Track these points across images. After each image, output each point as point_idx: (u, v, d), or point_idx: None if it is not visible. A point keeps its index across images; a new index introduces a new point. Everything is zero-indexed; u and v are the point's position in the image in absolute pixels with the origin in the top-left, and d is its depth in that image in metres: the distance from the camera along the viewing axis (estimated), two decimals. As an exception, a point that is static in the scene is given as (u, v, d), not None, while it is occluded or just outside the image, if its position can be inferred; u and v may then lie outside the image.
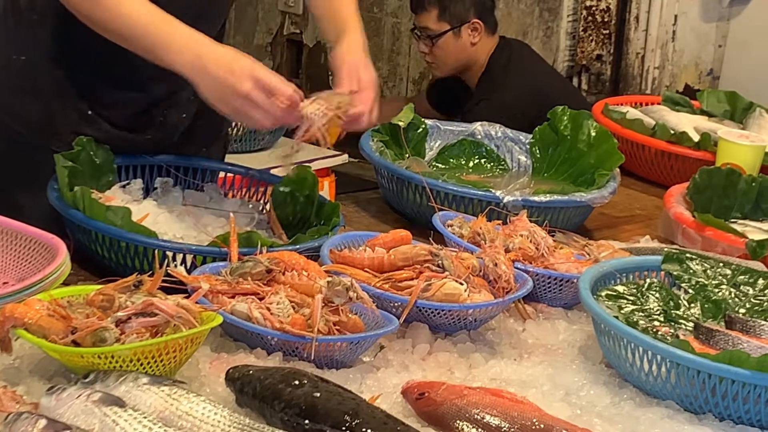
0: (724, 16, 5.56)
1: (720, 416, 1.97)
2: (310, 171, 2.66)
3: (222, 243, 2.28)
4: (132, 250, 2.33)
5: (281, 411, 1.76)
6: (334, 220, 2.51)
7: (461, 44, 4.82)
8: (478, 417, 1.83)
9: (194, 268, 2.21)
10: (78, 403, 1.70)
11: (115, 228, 2.33)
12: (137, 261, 2.34)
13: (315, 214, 2.60)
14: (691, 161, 3.33)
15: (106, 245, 2.36)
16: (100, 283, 2.00)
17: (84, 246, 2.41)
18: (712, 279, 2.35)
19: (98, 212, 2.36)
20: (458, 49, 4.83)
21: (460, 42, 4.82)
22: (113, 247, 2.35)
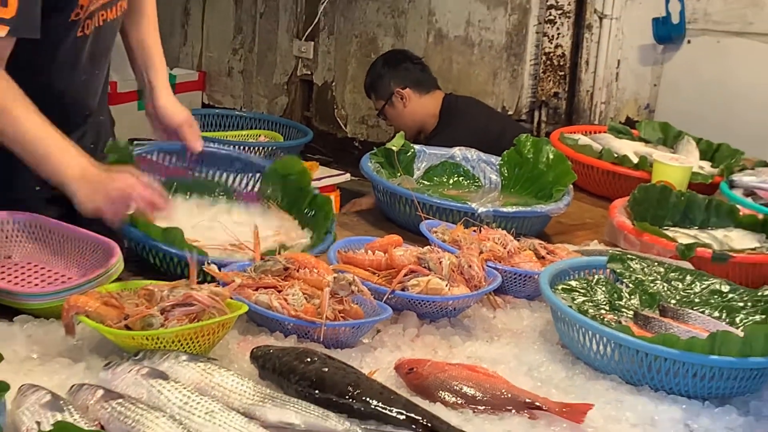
0: (658, 60, 5.55)
1: (655, 388, 1.98)
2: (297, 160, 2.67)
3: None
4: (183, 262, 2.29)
5: (296, 383, 1.76)
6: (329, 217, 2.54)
7: (399, 110, 4.89)
8: (457, 388, 1.84)
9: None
10: (129, 376, 1.70)
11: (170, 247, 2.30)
12: (180, 267, 2.31)
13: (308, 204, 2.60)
14: (631, 179, 3.33)
15: (159, 257, 2.34)
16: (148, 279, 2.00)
17: (136, 252, 2.39)
18: (649, 275, 2.35)
19: (155, 233, 2.31)
20: (398, 114, 4.91)
21: (397, 109, 4.90)
22: (166, 259, 2.33)
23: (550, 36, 5.67)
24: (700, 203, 2.95)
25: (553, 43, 5.67)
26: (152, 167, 2.64)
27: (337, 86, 6.70)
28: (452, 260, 2.23)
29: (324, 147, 6.52)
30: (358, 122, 6.64)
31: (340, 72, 6.60)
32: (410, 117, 4.88)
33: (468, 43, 5.94)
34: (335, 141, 6.76)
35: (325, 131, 6.76)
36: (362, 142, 6.58)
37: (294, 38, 6.83)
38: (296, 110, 6.94)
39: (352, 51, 6.42)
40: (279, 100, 6.97)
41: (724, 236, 2.82)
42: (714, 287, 2.31)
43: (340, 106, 6.73)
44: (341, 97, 6.68)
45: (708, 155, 3.64)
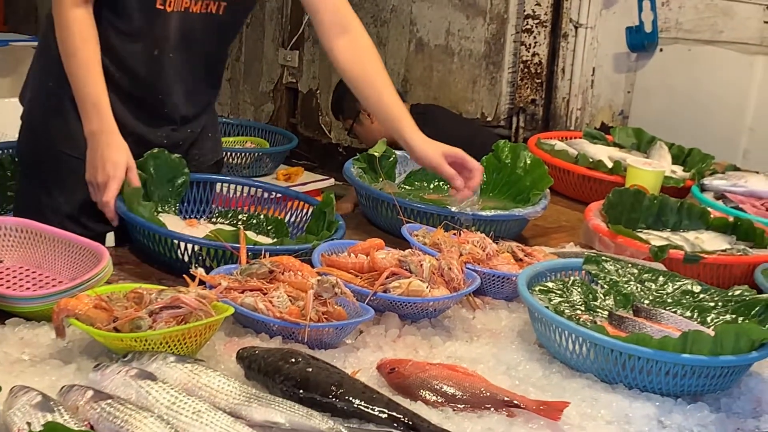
0: (631, 68, 5.57)
1: (629, 386, 1.97)
2: (330, 196, 2.65)
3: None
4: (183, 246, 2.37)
5: (281, 383, 1.76)
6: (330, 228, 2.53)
7: (367, 126, 4.94)
8: (437, 387, 1.84)
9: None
10: (118, 377, 1.69)
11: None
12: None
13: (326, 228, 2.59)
14: (606, 183, 3.33)
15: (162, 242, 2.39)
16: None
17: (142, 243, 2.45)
18: (623, 277, 2.35)
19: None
20: (367, 130, 4.96)
21: (365, 126, 4.95)
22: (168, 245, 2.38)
23: (527, 45, 5.69)
24: (672, 206, 2.95)
25: (530, 51, 5.69)
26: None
27: (322, 94, 6.71)
28: (433, 263, 2.23)
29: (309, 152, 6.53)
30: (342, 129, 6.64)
31: (324, 80, 6.60)
32: (379, 132, 4.89)
33: (448, 51, 5.95)
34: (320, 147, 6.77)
35: (310, 137, 6.77)
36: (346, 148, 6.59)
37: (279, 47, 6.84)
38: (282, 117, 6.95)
39: (336, 60, 6.43)
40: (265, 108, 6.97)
41: (695, 238, 2.83)
42: (686, 288, 2.31)
43: (324, 113, 6.73)
44: (325, 104, 6.68)
45: (680, 160, 3.65)
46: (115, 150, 2.49)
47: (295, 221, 2.74)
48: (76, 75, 2.52)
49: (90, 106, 2.50)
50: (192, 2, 2.59)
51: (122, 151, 2.50)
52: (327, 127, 6.76)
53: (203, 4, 2.61)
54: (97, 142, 2.50)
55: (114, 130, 2.51)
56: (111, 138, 2.50)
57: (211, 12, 2.62)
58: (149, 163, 2.60)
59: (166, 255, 2.38)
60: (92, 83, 2.51)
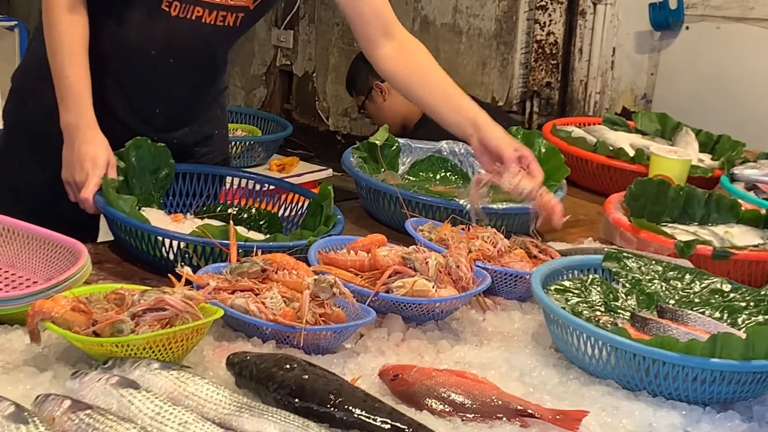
0: (655, 48, 5.57)
1: (653, 393, 1.97)
2: (328, 188, 2.66)
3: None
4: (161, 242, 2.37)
5: (275, 391, 1.75)
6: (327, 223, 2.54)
7: (379, 104, 5.03)
8: (444, 395, 1.84)
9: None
10: (98, 385, 1.69)
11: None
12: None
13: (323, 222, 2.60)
14: (627, 173, 3.33)
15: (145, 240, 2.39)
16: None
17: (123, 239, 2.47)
18: (646, 275, 2.35)
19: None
20: (379, 108, 5.04)
21: (377, 103, 5.04)
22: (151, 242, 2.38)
23: (541, 23, 5.69)
24: (699, 198, 2.95)
25: (545, 30, 5.69)
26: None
27: (318, 77, 6.71)
28: (439, 260, 2.23)
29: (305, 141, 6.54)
30: (341, 115, 6.65)
31: (321, 62, 6.60)
32: (391, 111, 4.91)
33: (455, 30, 5.95)
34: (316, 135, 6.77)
35: (305, 124, 6.77)
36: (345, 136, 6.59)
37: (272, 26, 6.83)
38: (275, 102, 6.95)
39: (334, 40, 6.43)
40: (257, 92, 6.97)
41: (725, 232, 2.83)
42: (714, 286, 2.31)
43: (321, 97, 6.73)
44: (322, 88, 6.68)
45: (708, 147, 3.65)
46: (94, 145, 2.49)
47: (290, 215, 2.75)
48: (59, 63, 2.52)
49: (70, 98, 2.51)
50: (206, 12, 2.58)
51: (102, 146, 2.51)
52: (324, 113, 6.77)
53: (219, 16, 2.60)
54: (74, 137, 2.50)
55: (93, 125, 2.51)
56: (89, 133, 2.50)
57: (228, 24, 2.63)
58: (130, 153, 2.60)
59: (150, 253, 2.39)
60: (75, 74, 2.51)
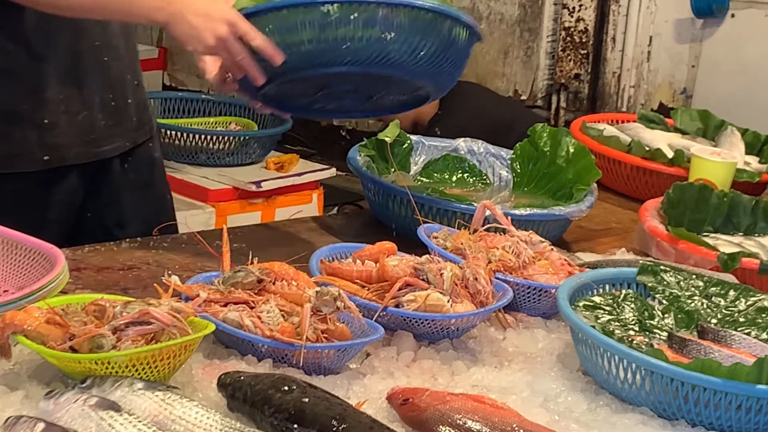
0: (697, 37, 5.57)
1: (692, 422, 1.97)
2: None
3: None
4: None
5: (271, 416, 1.75)
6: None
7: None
8: (460, 422, 1.83)
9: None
10: (75, 407, 1.69)
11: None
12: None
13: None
14: (665, 177, 3.34)
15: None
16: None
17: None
18: (685, 290, 2.35)
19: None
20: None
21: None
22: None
23: (570, 8, 5.69)
24: (745, 205, 2.96)
25: (574, 16, 5.68)
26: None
27: (321, 65, 6.70)
28: (455, 272, 2.23)
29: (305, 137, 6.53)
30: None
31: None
32: None
33: (474, 15, 5.95)
34: (318, 130, 6.77)
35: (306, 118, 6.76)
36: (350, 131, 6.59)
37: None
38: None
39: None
40: (252, 82, 6.97)
41: (773, 244, 2.83)
42: (762, 304, 2.31)
43: (324, 88, 6.73)
44: (326, 77, 6.68)
45: (755, 149, 3.66)
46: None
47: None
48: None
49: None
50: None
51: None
52: (327, 105, 6.77)
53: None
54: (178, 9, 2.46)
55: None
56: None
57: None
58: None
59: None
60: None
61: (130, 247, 2.62)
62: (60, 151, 2.77)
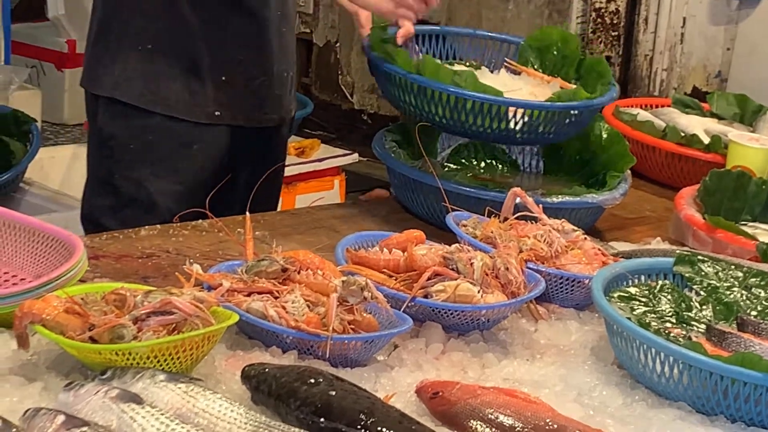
0: (732, 19, 5.54)
1: (732, 418, 1.97)
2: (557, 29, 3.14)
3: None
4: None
5: (297, 409, 1.75)
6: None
7: None
8: (492, 417, 1.84)
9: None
10: (96, 399, 1.70)
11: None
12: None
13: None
14: (701, 163, 3.32)
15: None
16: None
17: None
18: (724, 281, 2.34)
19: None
20: None
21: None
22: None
23: (601, -12, 5.67)
24: (785, 193, 2.94)
25: (605, -4, 5.67)
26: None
27: (342, 47, 6.70)
28: (485, 261, 2.23)
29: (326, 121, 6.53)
30: (367, 91, 6.64)
31: (346, 30, 6.59)
32: None
33: (502, -4, 5.94)
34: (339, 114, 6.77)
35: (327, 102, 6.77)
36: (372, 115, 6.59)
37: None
38: (293, 75, 6.94)
39: (361, 5, 6.42)
40: (272, 64, 6.97)
41: (814, 234, 2.82)
42: (803, 296, 2.31)
43: (345, 71, 6.73)
44: (347, 60, 6.68)
45: (795, 134, 3.64)
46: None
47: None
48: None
49: None
50: None
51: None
52: (348, 88, 6.77)
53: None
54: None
55: None
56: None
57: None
58: None
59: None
60: None
61: (149, 235, 2.62)
62: (229, 109, 2.95)
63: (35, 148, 3.73)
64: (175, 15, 2.87)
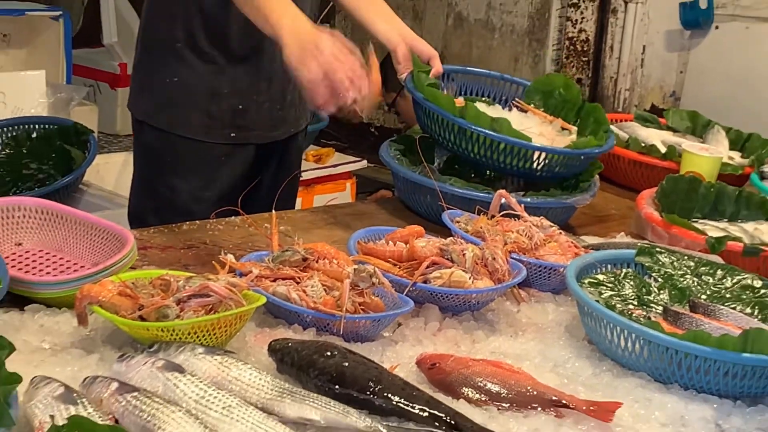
0: (685, 46, 5.53)
1: (685, 386, 1.96)
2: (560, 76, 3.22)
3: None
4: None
5: (315, 377, 1.75)
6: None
7: (410, 101, 4.89)
8: (481, 384, 1.83)
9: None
10: (144, 368, 1.69)
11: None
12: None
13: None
14: (659, 170, 3.31)
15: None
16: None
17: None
18: (678, 270, 2.33)
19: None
20: (410, 104, 4.91)
21: (409, 100, 4.90)
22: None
23: (573, 20, 5.66)
24: (730, 195, 2.93)
25: (576, 27, 5.65)
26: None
27: (354, 69, 6.68)
28: (476, 252, 2.22)
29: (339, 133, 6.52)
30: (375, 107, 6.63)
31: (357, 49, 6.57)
32: None
33: (489, 26, 5.93)
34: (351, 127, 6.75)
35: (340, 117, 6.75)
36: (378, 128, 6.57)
37: (309, 20, 6.82)
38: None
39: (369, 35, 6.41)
40: (293, 84, 6.95)
41: (754, 229, 2.80)
42: (746, 282, 2.29)
43: (356, 90, 6.71)
44: (357, 81, 6.66)
45: (738, 145, 3.62)
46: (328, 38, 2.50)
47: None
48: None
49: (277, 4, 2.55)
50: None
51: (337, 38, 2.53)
52: (359, 105, 6.75)
53: None
54: (304, 42, 2.47)
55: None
56: (316, 32, 2.50)
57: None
58: None
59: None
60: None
61: (190, 229, 2.62)
62: (244, 131, 2.93)
63: (92, 155, 3.72)
64: (199, 54, 2.84)
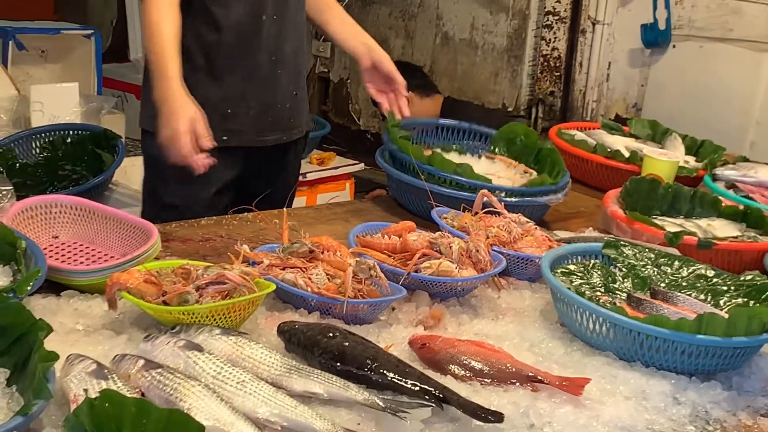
0: (645, 63, 5.52)
1: (646, 364, 1.97)
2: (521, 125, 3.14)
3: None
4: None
5: (319, 356, 1.75)
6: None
7: (417, 106, 4.85)
8: (466, 362, 1.83)
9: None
10: (167, 347, 1.69)
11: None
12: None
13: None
14: (623, 172, 3.31)
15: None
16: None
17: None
18: (640, 261, 2.33)
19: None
20: (415, 110, 4.87)
21: (415, 104, 4.84)
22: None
23: (547, 39, 5.65)
24: (686, 195, 2.92)
25: (549, 46, 5.65)
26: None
27: (352, 83, 6.68)
28: (461, 245, 2.22)
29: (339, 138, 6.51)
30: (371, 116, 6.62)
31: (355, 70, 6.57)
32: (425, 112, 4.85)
33: (472, 45, 5.92)
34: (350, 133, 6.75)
35: (340, 124, 6.75)
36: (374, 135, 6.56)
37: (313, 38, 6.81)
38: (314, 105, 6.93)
39: (366, 51, 6.39)
40: (298, 96, 6.94)
41: (707, 225, 2.80)
42: (700, 272, 2.29)
43: (354, 101, 6.71)
44: (355, 93, 6.66)
45: (692, 151, 3.62)
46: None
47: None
48: (151, 47, 2.63)
49: (157, 72, 2.59)
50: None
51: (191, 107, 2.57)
52: (356, 114, 6.74)
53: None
54: (168, 109, 2.55)
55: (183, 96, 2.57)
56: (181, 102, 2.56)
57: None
58: None
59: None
60: (162, 49, 2.61)
61: (208, 224, 2.61)
62: (235, 135, 2.89)
63: (120, 158, 3.70)
64: (192, 63, 2.79)
